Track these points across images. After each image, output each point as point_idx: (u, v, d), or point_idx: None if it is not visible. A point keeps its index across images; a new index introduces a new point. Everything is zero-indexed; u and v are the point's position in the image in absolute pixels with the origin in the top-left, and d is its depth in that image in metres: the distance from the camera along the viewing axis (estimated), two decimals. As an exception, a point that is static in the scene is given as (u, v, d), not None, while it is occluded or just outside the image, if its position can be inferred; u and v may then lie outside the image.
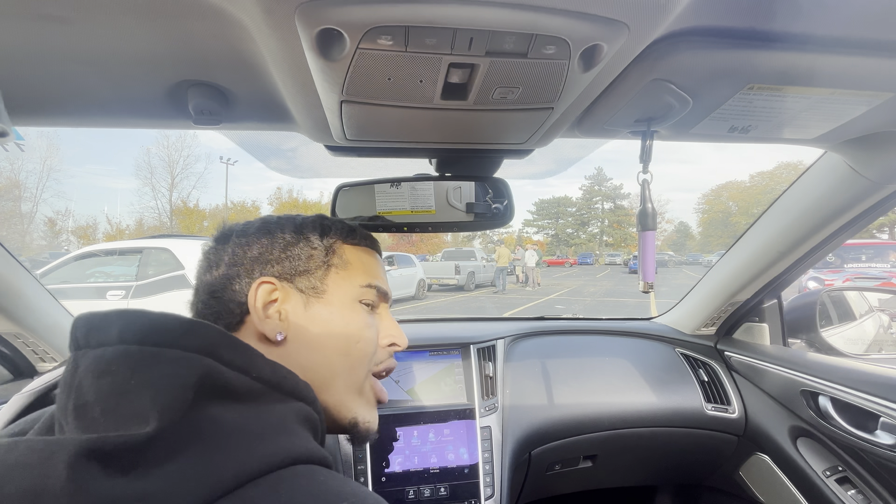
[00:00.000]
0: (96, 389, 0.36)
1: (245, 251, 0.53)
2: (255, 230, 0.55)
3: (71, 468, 0.31)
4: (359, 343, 0.54)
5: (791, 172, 50.27)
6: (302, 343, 0.51)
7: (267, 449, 0.37)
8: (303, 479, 0.37)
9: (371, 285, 0.57)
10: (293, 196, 41.19)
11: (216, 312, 0.51)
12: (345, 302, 0.54)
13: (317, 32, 0.40)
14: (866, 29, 0.48)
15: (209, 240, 0.57)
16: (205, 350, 0.40)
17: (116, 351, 0.38)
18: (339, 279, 0.55)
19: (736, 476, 1.31)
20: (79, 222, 34.86)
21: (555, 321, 1.50)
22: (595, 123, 0.66)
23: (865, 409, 0.95)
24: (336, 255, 0.56)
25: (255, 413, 0.40)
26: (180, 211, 35.08)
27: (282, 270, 0.53)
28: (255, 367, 0.42)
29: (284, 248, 0.54)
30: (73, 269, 4.98)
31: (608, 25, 0.40)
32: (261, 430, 0.38)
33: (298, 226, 0.57)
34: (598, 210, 66.97)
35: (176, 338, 0.39)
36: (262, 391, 0.42)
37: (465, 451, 1.06)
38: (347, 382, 0.53)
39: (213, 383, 0.38)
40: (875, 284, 7.25)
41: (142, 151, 53.41)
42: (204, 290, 0.53)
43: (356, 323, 0.54)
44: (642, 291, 0.66)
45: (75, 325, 0.40)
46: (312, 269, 0.54)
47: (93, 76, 0.55)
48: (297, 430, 0.41)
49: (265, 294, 0.51)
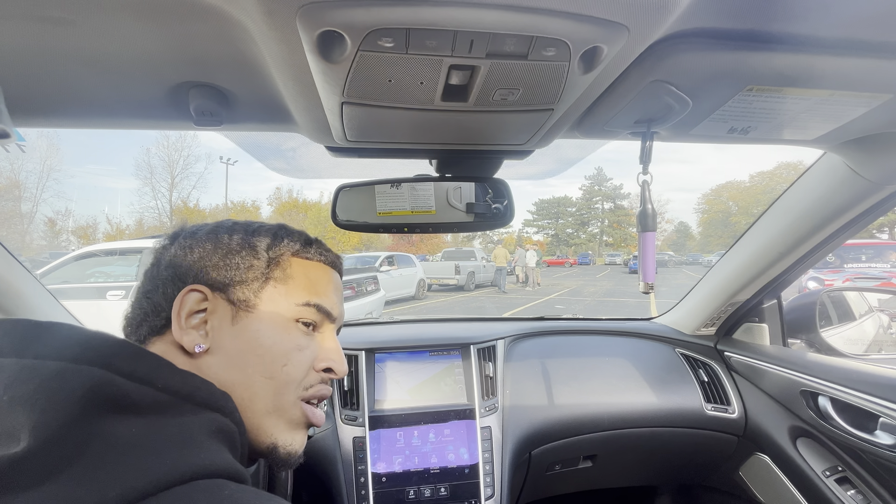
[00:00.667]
0: None
1: (186, 254, 0.51)
2: (204, 233, 0.53)
3: None
4: (286, 366, 0.49)
5: (791, 172, 50.30)
6: (223, 358, 0.47)
7: (163, 465, 0.34)
8: (203, 495, 0.34)
9: (311, 303, 0.52)
10: (293, 196, 41.24)
11: (143, 314, 0.49)
12: (277, 319, 0.50)
13: (318, 34, 0.40)
14: (865, 30, 0.48)
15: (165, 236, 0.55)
16: (98, 361, 0.36)
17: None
18: (276, 294, 0.51)
19: (736, 476, 1.31)
20: (79, 222, 34.89)
21: (555, 321, 1.50)
22: (595, 124, 0.67)
23: (865, 409, 0.95)
24: (279, 267, 0.52)
25: (156, 427, 0.37)
26: (180, 211, 35.06)
27: (217, 278, 0.49)
28: (160, 377, 0.39)
29: (225, 255, 0.51)
30: (72, 269, 4.98)
31: (608, 27, 0.40)
32: (159, 444, 0.36)
33: (250, 233, 0.53)
34: (598, 210, 66.97)
35: (60, 349, 0.36)
36: (168, 403, 0.39)
37: (466, 452, 1.06)
38: (267, 405, 0.49)
39: (107, 396, 0.35)
40: (875, 284, 7.25)
41: (142, 151, 53.40)
42: (140, 289, 0.51)
43: (285, 343, 0.50)
44: (642, 292, 0.66)
45: None
46: (249, 281, 0.50)
47: (94, 77, 0.55)
48: (203, 443, 0.38)
49: (193, 302, 0.48)
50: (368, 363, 1.13)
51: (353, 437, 1.03)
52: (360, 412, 1.06)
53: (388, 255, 11.26)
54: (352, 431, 1.04)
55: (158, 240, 0.55)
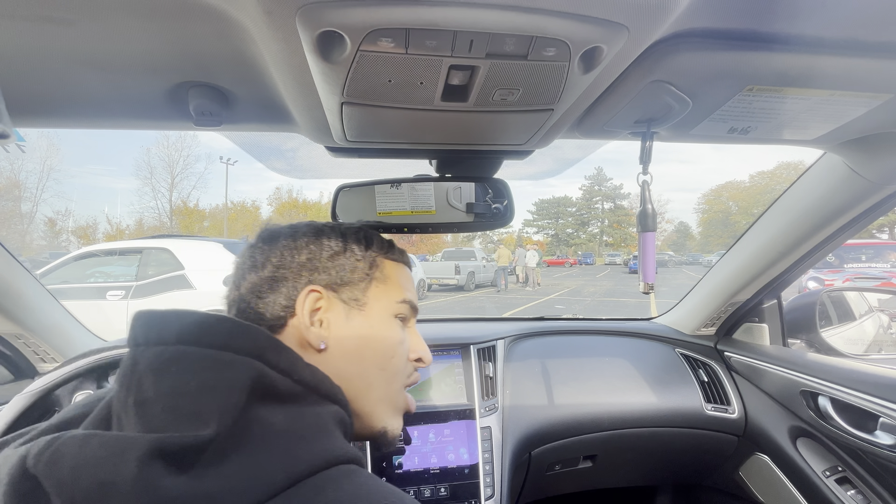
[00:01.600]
0: (156, 388, 0.37)
1: (293, 256, 0.54)
2: (303, 235, 0.56)
3: (140, 465, 0.32)
4: (393, 358, 0.55)
5: (791, 172, 50.30)
6: (341, 353, 0.52)
7: (311, 450, 0.39)
8: (346, 479, 0.38)
9: (406, 300, 0.58)
10: (293, 196, 41.23)
11: (259, 314, 0.52)
12: (383, 316, 0.55)
13: (318, 34, 0.40)
14: (865, 30, 0.48)
15: (253, 239, 0.58)
16: (254, 353, 0.41)
17: (176, 351, 0.40)
18: (380, 293, 0.56)
19: (736, 476, 1.31)
20: (79, 222, 34.92)
21: (555, 321, 1.50)
22: (595, 124, 0.67)
23: (865, 409, 0.95)
24: (378, 268, 0.57)
25: (297, 415, 0.41)
26: (180, 211, 35.09)
27: (328, 280, 0.53)
28: (296, 370, 0.44)
29: (331, 258, 0.54)
30: (72, 269, 4.97)
31: (608, 27, 0.40)
32: (304, 432, 0.40)
33: (343, 235, 0.57)
34: (598, 210, 66.97)
35: (228, 340, 0.41)
36: (302, 394, 0.43)
37: (466, 452, 1.06)
38: (381, 394, 0.54)
39: (262, 386, 0.40)
40: (875, 284, 7.25)
41: (142, 151, 53.39)
42: (248, 288, 0.53)
43: (393, 338, 0.55)
44: (643, 292, 0.66)
45: (135, 322, 0.43)
46: (356, 281, 0.55)
47: (94, 78, 0.55)
48: (334, 432, 0.43)
49: (312, 302, 0.51)
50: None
51: (353, 438, 1.03)
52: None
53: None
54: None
55: (248, 239, 0.58)
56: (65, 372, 0.84)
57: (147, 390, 0.37)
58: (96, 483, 0.32)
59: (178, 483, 0.33)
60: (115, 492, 0.32)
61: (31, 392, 0.82)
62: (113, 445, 0.34)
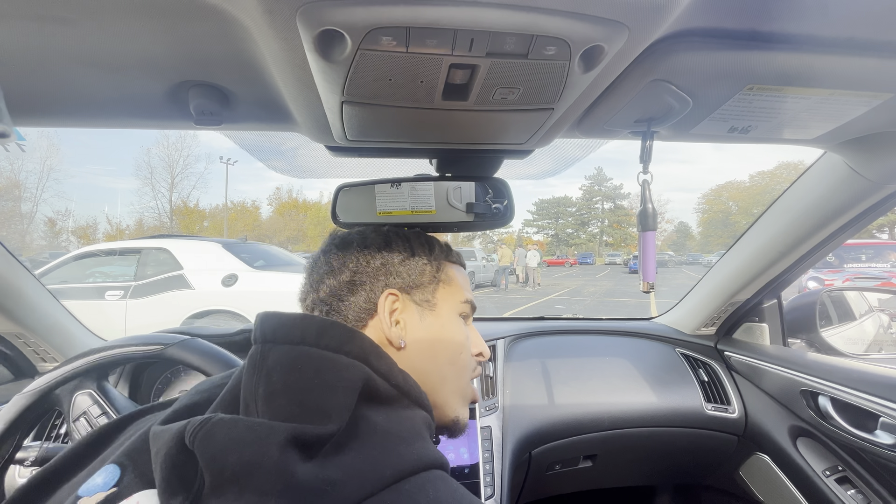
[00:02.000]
0: (284, 381, 0.42)
1: (368, 261, 0.58)
2: (373, 241, 0.60)
3: (280, 450, 0.36)
4: (462, 353, 0.59)
5: (791, 172, 50.29)
6: (417, 351, 0.55)
7: (412, 452, 0.42)
8: (441, 483, 0.41)
9: (468, 301, 0.62)
10: (293, 196, 41.26)
11: (343, 315, 0.55)
12: (451, 315, 0.59)
13: (318, 33, 0.40)
14: (866, 29, 0.48)
15: (326, 245, 0.62)
16: (361, 357, 0.45)
17: (301, 351, 0.45)
18: (446, 294, 0.60)
19: (736, 476, 1.31)
20: (79, 222, 34.93)
21: (555, 321, 1.50)
22: (595, 124, 0.67)
23: (865, 409, 0.95)
24: (442, 271, 0.61)
25: (395, 417, 0.45)
26: (180, 211, 35.09)
27: (402, 283, 0.57)
28: (393, 374, 0.47)
29: (402, 262, 0.59)
30: (71, 269, 4.97)
31: (608, 26, 0.40)
32: (403, 433, 0.43)
33: (408, 239, 0.61)
34: (598, 210, 66.96)
35: (341, 344, 0.46)
36: (397, 397, 0.47)
37: (466, 451, 1.06)
38: (453, 387, 0.58)
39: (369, 388, 0.44)
40: (875, 284, 7.24)
41: (142, 151, 53.37)
42: (329, 292, 0.57)
43: (460, 335, 0.59)
44: (643, 292, 0.66)
45: (264, 320, 0.48)
46: (426, 284, 0.59)
47: (94, 77, 0.55)
48: (426, 436, 0.46)
49: (390, 304, 0.55)
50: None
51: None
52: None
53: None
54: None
55: (325, 245, 0.62)
56: (65, 371, 0.84)
57: (276, 383, 0.42)
58: (243, 462, 0.36)
59: (307, 469, 0.37)
60: (257, 471, 0.35)
61: (31, 391, 0.82)
62: (258, 430, 0.38)
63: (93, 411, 0.87)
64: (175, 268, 4.67)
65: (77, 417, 0.87)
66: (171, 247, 4.83)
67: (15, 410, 0.79)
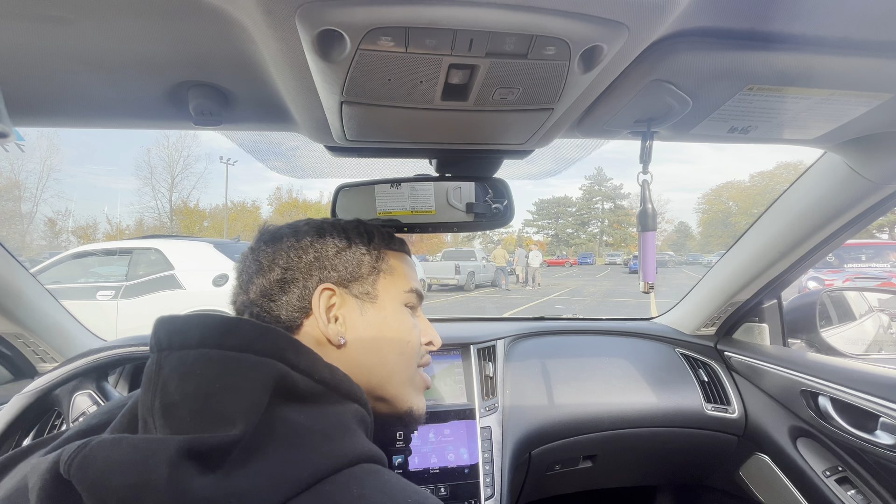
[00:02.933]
0: (182, 391, 0.38)
1: (300, 256, 0.54)
2: (306, 234, 0.56)
3: (171, 466, 0.33)
4: (409, 343, 0.57)
5: (791, 172, 50.29)
6: (360, 346, 0.53)
7: (335, 448, 0.39)
8: (370, 477, 0.39)
9: (413, 289, 0.60)
10: (293, 196, 41.21)
11: (275, 316, 0.52)
12: (394, 306, 0.57)
13: (317, 33, 0.40)
14: (865, 30, 0.48)
15: (254, 241, 0.58)
16: (275, 354, 0.42)
17: (199, 354, 0.40)
18: (388, 284, 0.58)
19: (736, 476, 1.31)
20: (79, 222, 34.90)
21: (555, 321, 1.50)
22: (595, 124, 0.67)
23: (865, 409, 0.95)
24: (383, 260, 0.59)
25: (319, 414, 0.42)
26: (180, 211, 35.08)
27: (338, 276, 0.55)
28: (316, 370, 0.44)
29: (338, 254, 0.55)
30: (63, 269, 4.97)
31: (608, 26, 0.40)
32: (327, 430, 0.41)
33: (345, 230, 0.58)
34: (598, 210, 66.96)
35: (250, 342, 0.42)
36: (322, 393, 0.44)
37: (466, 452, 1.06)
38: (402, 378, 0.57)
39: (285, 386, 0.41)
40: (875, 284, 7.24)
41: (142, 151, 53.34)
42: (259, 292, 0.54)
43: (406, 325, 0.57)
44: (643, 292, 0.66)
45: (157, 327, 0.43)
46: (365, 275, 0.56)
47: (94, 77, 0.55)
48: (357, 431, 0.44)
49: (326, 299, 0.53)
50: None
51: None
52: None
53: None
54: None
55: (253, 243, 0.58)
56: (64, 371, 0.84)
57: (173, 393, 0.38)
58: (128, 485, 0.32)
59: (207, 483, 0.33)
60: (147, 493, 0.32)
61: (31, 392, 0.82)
62: (143, 448, 0.34)
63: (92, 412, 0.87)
64: (166, 268, 4.67)
65: (76, 418, 0.87)
66: (162, 247, 4.84)
67: (14, 411, 0.79)
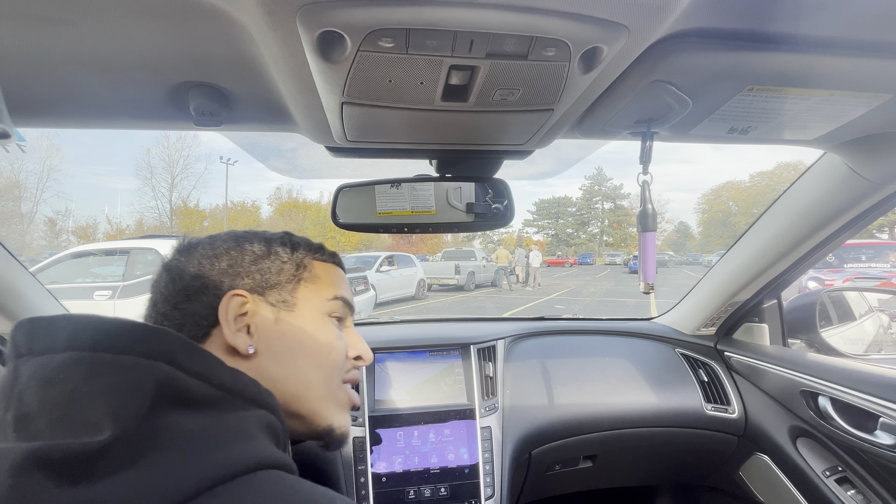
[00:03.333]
0: (40, 399, 0.34)
1: (213, 263, 0.52)
2: (223, 242, 0.54)
3: (14, 477, 0.29)
4: (331, 354, 0.54)
5: (791, 172, 50.28)
6: (273, 356, 0.50)
7: (229, 455, 0.36)
8: (268, 484, 0.36)
9: (338, 297, 0.57)
10: (293, 196, 41.22)
11: (179, 325, 0.49)
12: (314, 315, 0.54)
13: (318, 35, 0.40)
14: (865, 30, 0.48)
15: (172, 253, 0.56)
16: (163, 356, 0.38)
17: (65, 358, 0.36)
18: (309, 292, 0.55)
19: (736, 476, 1.31)
20: (79, 222, 34.88)
21: (555, 321, 1.50)
22: (595, 124, 0.67)
23: (865, 409, 0.95)
24: (306, 269, 0.56)
25: (215, 420, 0.39)
26: (180, 211, 35.07)
27: (252, 283, 0.52)
28: (215, 374, 0.41)
29: (254, 261, 0.53)
30: (62, 269, 4.97)
31: (608, 28, 0.40)
32: (222, 436, 0.37)
33: (267, 240, 0.56)
34: (598, 210, 66.95)
35: (131, 344, 0.38)
36: (222, 399, 0.40)
37: (466, 452, 1.06)
38: (321, 392, 0.53)
39: (172, 390, 0.37)
40: (875, 284, 7.24)
41: (142, 152, 53.31)
42: (164, 301, 0.51)
43: (326, 335, 0.54)
44: (643, 292, 0.66)
45: (15, 331, 0.39)
46: (283, 283, 0.54)
47: (94, 78, 0.55)
48: (259, 437, 0.40)
49: (236, 307, 0.49)
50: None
51: (354, 438, 1.03)
52: (360, 412, 1.06)
53: (388, 255, 11.23)
54: (352, 431, 1.04)
55: (167, 254, 0.56)
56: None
57: (29, 404, 0.34)
58: None
59: (62, 495, 0.30)
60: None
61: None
62: None
63: None
64: (163, 268, 4.68)
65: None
66: (159, 247, 4.84)
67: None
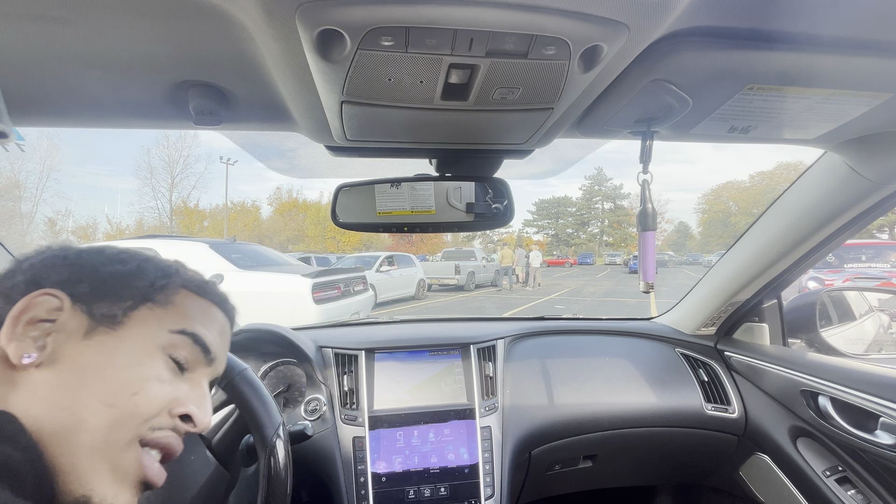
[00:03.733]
0: None
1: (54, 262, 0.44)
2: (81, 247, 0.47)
3: None
4: (136, 395, 0.41)
5: (791, 172, 50.27)
6: (55, 375, 0.39)
7: None
8: None
9: (187, 331, 0.46)
10: (293, 196, 41.24)
11: None
12: (141, 342, 0.43)
13: (317, 33, 0.40)
14: (866, 29, 0.48)
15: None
16: None
17: None
18: (149, 316, 0.45)
19: (736, 476, 1.31)
20: (79, 222, 34.87)
21: (555, 321, 1.50)
22: (595, 124, 0.67)
23: (865, 409, 0.95)
24: (163, 292, 0.47)
25: None
26: (180, 211, 35.08)
27: (82, 290, 0.43)
28: None
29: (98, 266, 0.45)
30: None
31: (608, 26, 0.40)
32: None
33: (138, 255, 0.49)
34: (598, 210, 66.96)
35: None
36: None
37: (466, 451, 1.06)
38: (95, 441, 0.39)
39: None
40: (875, 284, 7.23)
41: (142, 151, 53.30)
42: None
43: (144, 370, 0.42)
44: (643, 291, 0.66)
45: None
46: (122, 297, 0.44)
47: (94, 77, 0.55)
48: None
49: (43, 309, 0.41)
50: (368, 363, 1.12)
51: (353, 437, 1.03)
52: (359, 412, 1.06)
53: (388, 255, 11.23)
54: (352, 431, 1.04)
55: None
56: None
57: None
58: None
59: None
60: None
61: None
62: None
63: None
64: (161, 268, 4.70)
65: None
66: (157, 247, 4.85)
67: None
